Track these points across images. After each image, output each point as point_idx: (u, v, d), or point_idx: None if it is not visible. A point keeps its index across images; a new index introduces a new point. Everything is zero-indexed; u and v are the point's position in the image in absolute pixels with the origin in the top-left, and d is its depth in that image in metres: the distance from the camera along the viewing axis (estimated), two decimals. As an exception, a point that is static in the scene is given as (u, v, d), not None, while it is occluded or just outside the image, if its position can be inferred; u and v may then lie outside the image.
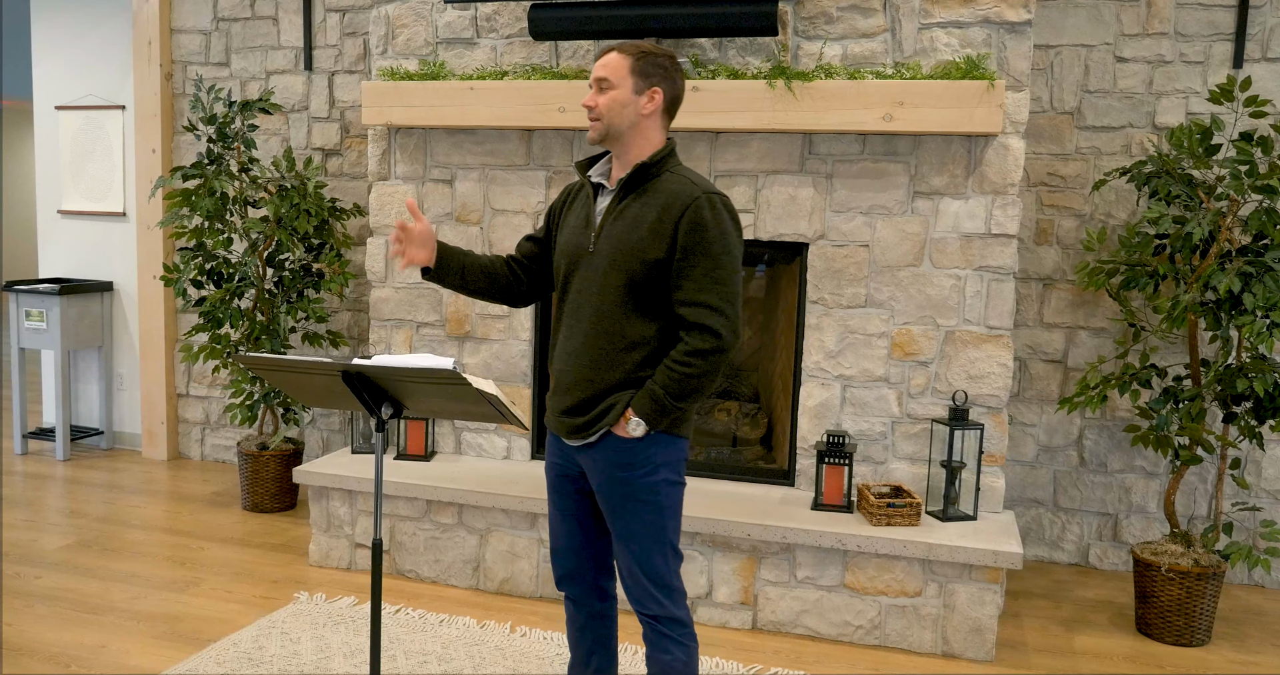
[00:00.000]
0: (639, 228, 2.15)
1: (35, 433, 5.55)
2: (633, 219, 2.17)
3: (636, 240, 2.15)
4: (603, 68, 2.19)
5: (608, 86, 2.18)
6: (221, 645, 3.16)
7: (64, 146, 5.45)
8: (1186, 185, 3.36)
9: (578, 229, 2.27)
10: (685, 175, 2.19)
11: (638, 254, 2.15)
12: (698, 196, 2.14)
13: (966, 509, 3.51)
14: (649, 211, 2.16)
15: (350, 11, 4.84)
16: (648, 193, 2.19)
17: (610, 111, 2.18)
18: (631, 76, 2.18)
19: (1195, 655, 3.34)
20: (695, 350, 2.12)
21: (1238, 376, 3.30)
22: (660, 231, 2.14)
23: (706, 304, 2.13)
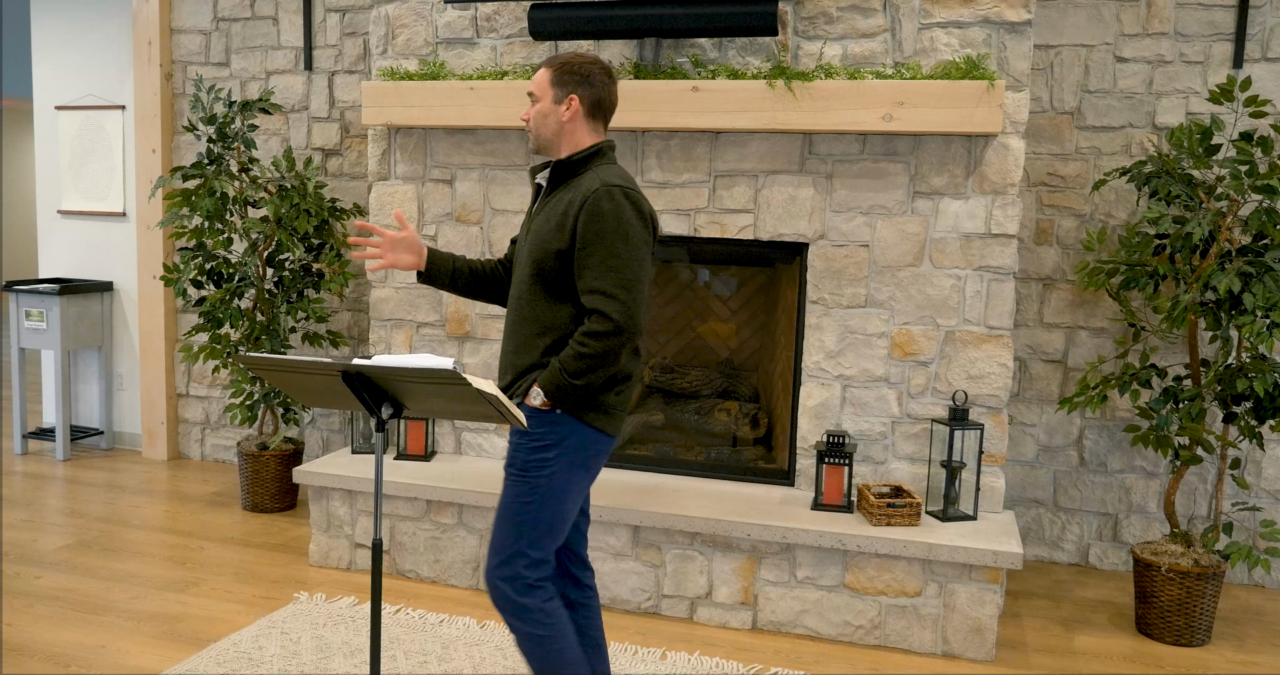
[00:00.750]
0: (550, 221, 2.31)
1: (35, 433, 5.55)
2: (548, 213, 2.33)
3: (547, 232, 2.30)
4: (532, 84, 2.40)
5: (535, 100, 2.39)
6: (221, 645, 3.16)
7: (64, 146, 5.45)
8: (1186, 185, 3.36)
9: (524, 227, 2.45)
10: (599, 171, 2.32)
11: (545, 245, 2.30)
12: (597, 188, 2.25)
13: (966, 509, 3.51)
14: (560, 205, 2.31)
15: (350, 11, 4.84)
16: (568, 189, 2.34)
17: (537, 122, 2.38)
18: (551, 88, 2.36)
19: (1195, 655, 3.34)
20: (590, 332, 2.23)
21: (1238, 376, 3.30)
22: (565, 224, 2.28)
23: (602, 290, 2.23)
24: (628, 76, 3.67)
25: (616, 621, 3.46)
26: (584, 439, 2.33)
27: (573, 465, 2.34)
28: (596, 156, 2.36)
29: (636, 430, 4.26)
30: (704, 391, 4.28)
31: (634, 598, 3.54)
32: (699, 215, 3.75)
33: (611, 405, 2.35)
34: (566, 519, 2.36)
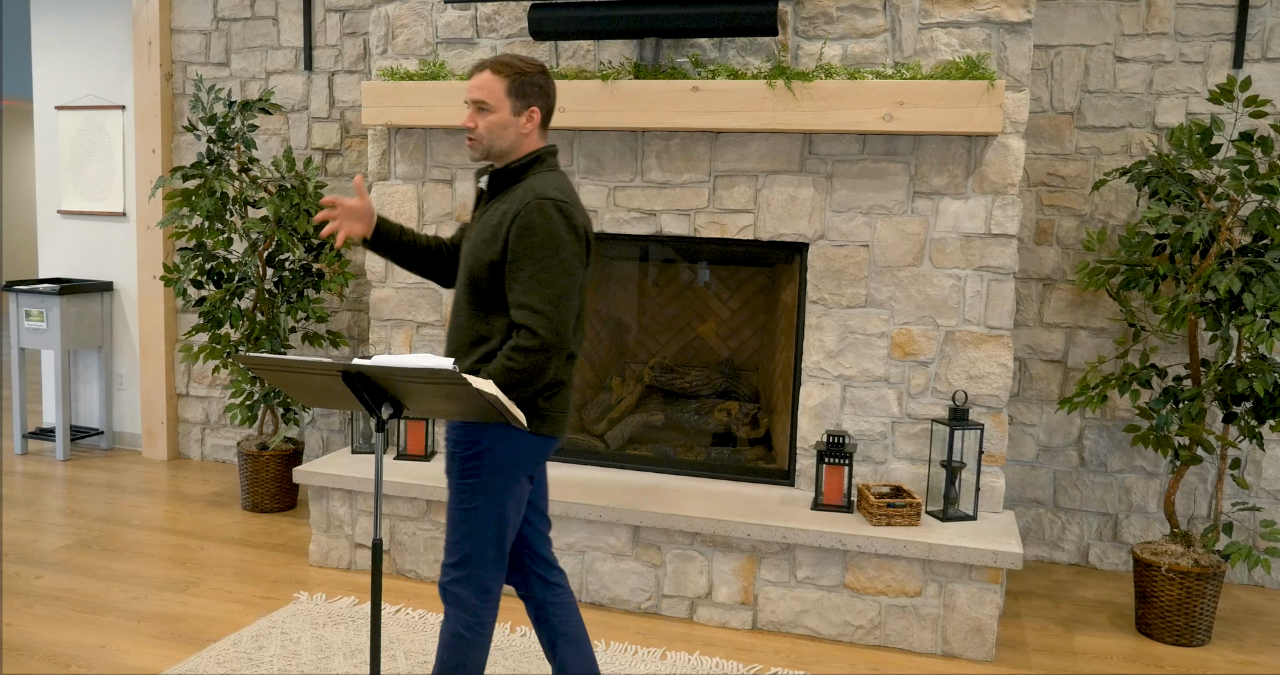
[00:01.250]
0: (485, 231, 2.28)
1: (35, 433, 5.55)
2: (484, 223, 2.30)
3: (482, 243, 2.27)
4: (479, 90, 2.27)
5: (487, 110, 2.28)
6: (221, 645, 3.16)
7: (64, 146, 5.45)
8: (1186, 185, 3.36)
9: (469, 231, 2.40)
10: (535, 181, 2.27)
11: (479, 256, 2.27)
12: (529, 201, 2.21)
13: (966, 509, 3.51)
14: (496, 216, 2.27)
15: (350, 11, 4.84)
16: (504, 197, 2.30)
17: (491, 134, 2.29)
18: (509, 98, 2.27)
19: (1195, 655, 3.34)
20: (517, 347, 2.22)
21: (1238, 376, 3.30)
22: (498, 235, 2.24)
23: (530, 306, 2.21)
24: (628, 76, 3.67)
25: (616, 621, 3.46)
26: (516, 443, 2.32)
27: (505, 469, 2.32)
28: (536, 164, 2.32)
29: (636, 430, 4.26)
30: (704, 391, 4.28)
31: (634, 598, 3.54)
32: (699, 215, 3.75)
33: (543, 409, 2.33)
34: (508, 521, 2.35)
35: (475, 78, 2.30)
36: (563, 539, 3.59)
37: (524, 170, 2.32)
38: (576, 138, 3.86)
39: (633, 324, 4.49)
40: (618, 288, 4.43)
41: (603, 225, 3.85)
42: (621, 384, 4.39)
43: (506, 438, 2.31)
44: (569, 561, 3.59)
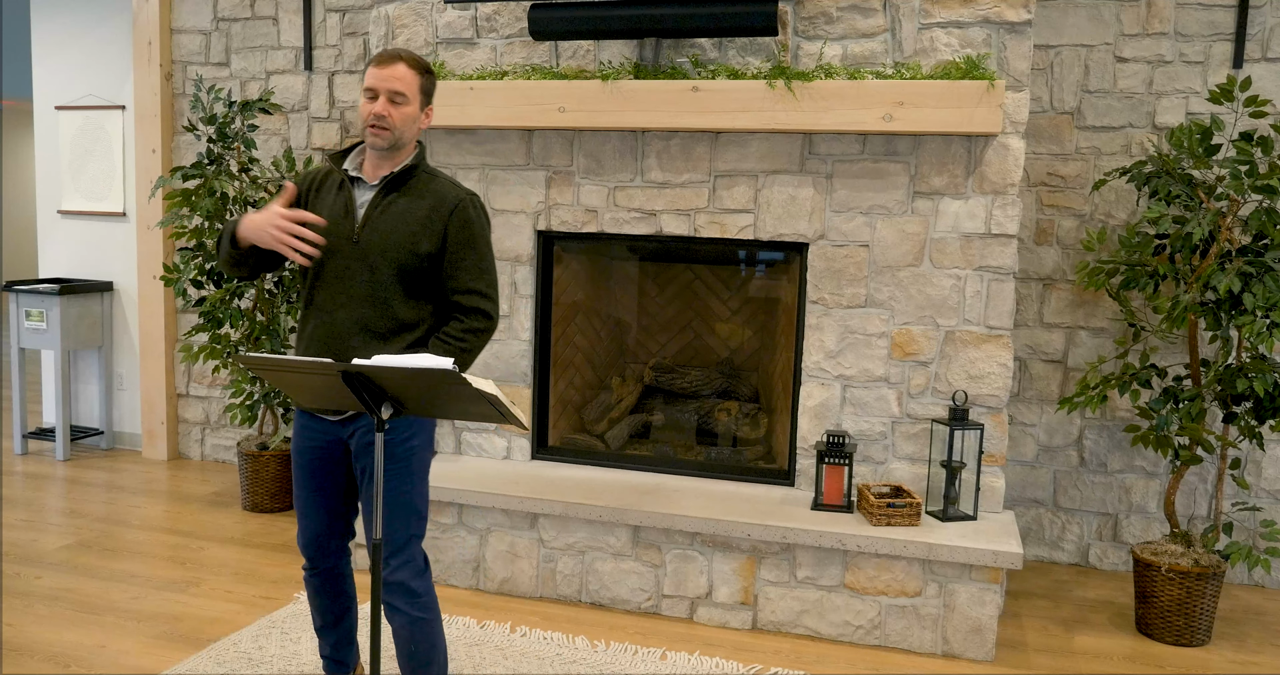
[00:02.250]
0: (408, 223, 2.38)
1: (35, 433, 5.55)
2: (400, 214, 2.38)
3: (408, 234, 2.37)
4: (398, 81, 2.34)
5: (402, 102, 2.35)
6: (221, 645, 3.16)
7: (64, 146, 5.45)
8: (1186, 185, 3.36)
9: (334, 219, 2.41)
10: (444, 178, 2.46)
11: (408, 246, 2.36)
12: (463, 198, 2.42)
13: (966, 509, 3.51)
14: (417, 209, 2.39)
15: (350, 11, 4.84)
16: (412, 192, 2.40)
17: (403, 125, 2.37)
18: (420, 94, 2.39)
19: (1195, 655, 3.34)
20: (471, 329, 2.40)
21: (1238, 376, 3.30)
22: (432, 228, 2.38)
23: (479, 291, 2.41)
24: (628, 76, 3.67)
25: (617, 621, 3.46)
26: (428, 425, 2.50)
27: (427, 447, 2.50)
28: (424, 160, 2.46)
29: (636, 430, 4.26)
30: (704, 391, 4.28)
31: (634, 598, 3.54)
32: (699, 215, 3.76)
33: None
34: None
35: (390, 68, 2.34)
36: (563, 539, 3.59)
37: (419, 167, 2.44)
38: (576, 138, 3.86)
39: (633, 324, 4.49)
40: (618, 288, 4.44)
41: (603, 225, 3.85)
42: (621, 384, 4.39)
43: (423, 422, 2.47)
44: (569, 561, 3.60)
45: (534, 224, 3.93)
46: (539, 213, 3.92)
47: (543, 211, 3.92)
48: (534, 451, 4.05)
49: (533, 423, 4.05)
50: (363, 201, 2.42)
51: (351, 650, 2.76)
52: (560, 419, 4.19)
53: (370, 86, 2.35)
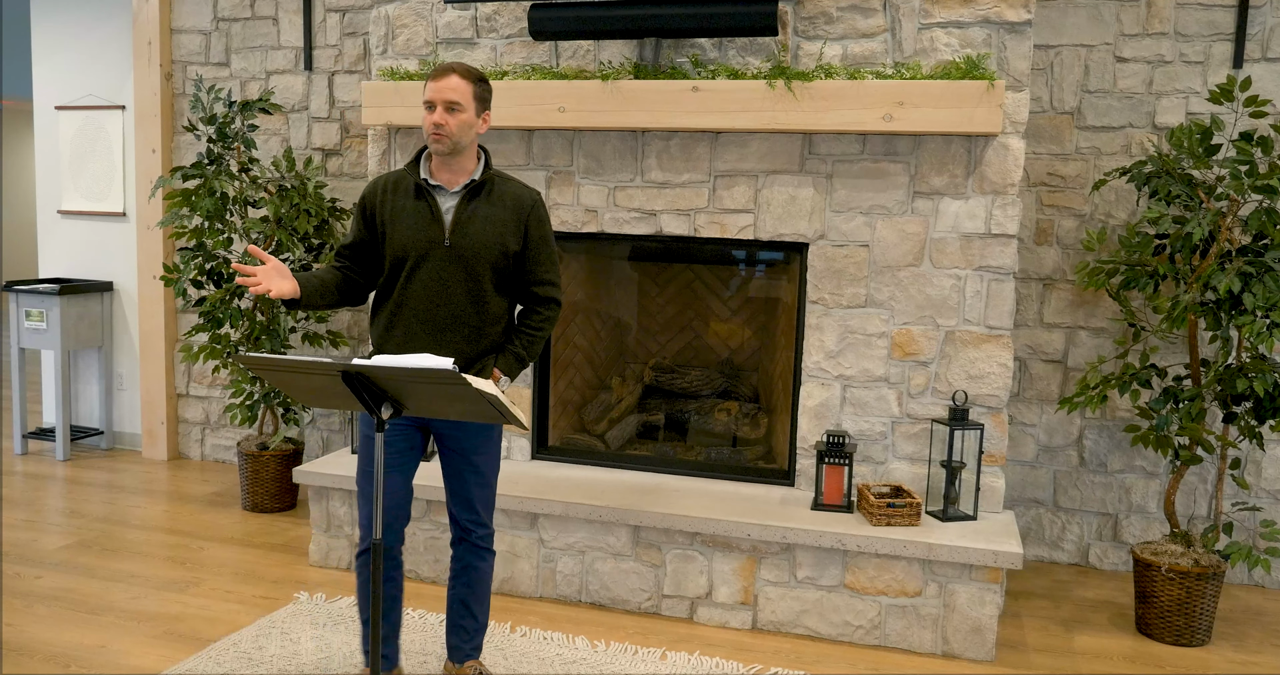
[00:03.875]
0: (497, 226, 2.60)
1: (35, 433, 5.55)
2: (488, 219, 2.60)
3: (498, 236, 2.60)
4: (453, 91, 2.52)
5: (459, 110, 2.53)
6: (221, 645, 3.16)
7: (64, 146, 5.45)
8: (1186, 185, 3.36)
9: (422, 224, 2.60)
10: (513, 179, 2.68)
11: (499, 248, 2.60)
12: (536, 198, 2.67)
13: (966, 509, 3.51)
14: (502, 213, 2.62)
15: (350, 11, 4.84)
16: (492, 197, 2.62)
17: (460, 131, 2.54)
18: (474, 102, 2.56)
19: (1195, 655, 3.34)
20: (547, 318, 2.71)
21: (1238, 376, 3.30)
22: (516, 229, 2.63)
23: (552, 281, 2.70)
24: (628, 76, 3.67)
25: (617, 621, 3.46)
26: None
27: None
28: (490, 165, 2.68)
29: (637, 430, 4.26)
30: (704, 391, 4.28)
31: (634, 598, 3.54)
32: (699, 215, 3.76)
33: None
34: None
35: (444, 79, 2.53)
36: (563, 539, 3.59)
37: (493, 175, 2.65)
38: (576, 138, 3.86)
39: (633, 324, 4.49)
40: (618, 288, 4.44)
41: (603, 225, 3.85)
42: (621, 384, 4.39)
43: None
44: (569, 561, 3.60)
45: (534, 224, 3.93)
46: (539, 213, 3.92)
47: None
48: (534, 451, 4.05)
49: (533, 423, 4.05)
50: (448, 207, 2.61)
51: (394, 645, 2.81)
52: (560, 419, 4.20)
53: (428, 99, 2.53)
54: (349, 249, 2.72)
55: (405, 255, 2.60)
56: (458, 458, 2.70)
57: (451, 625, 2.83)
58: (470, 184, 2.60)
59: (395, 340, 2.64)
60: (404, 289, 2.61)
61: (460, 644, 2.82)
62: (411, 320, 2.61)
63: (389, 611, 2.76)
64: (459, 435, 2.68)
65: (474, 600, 2.79)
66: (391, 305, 2.64)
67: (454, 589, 2.80)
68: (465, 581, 2.77)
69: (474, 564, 2.76)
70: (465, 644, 2.82)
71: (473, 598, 2.78)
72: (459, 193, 2.61)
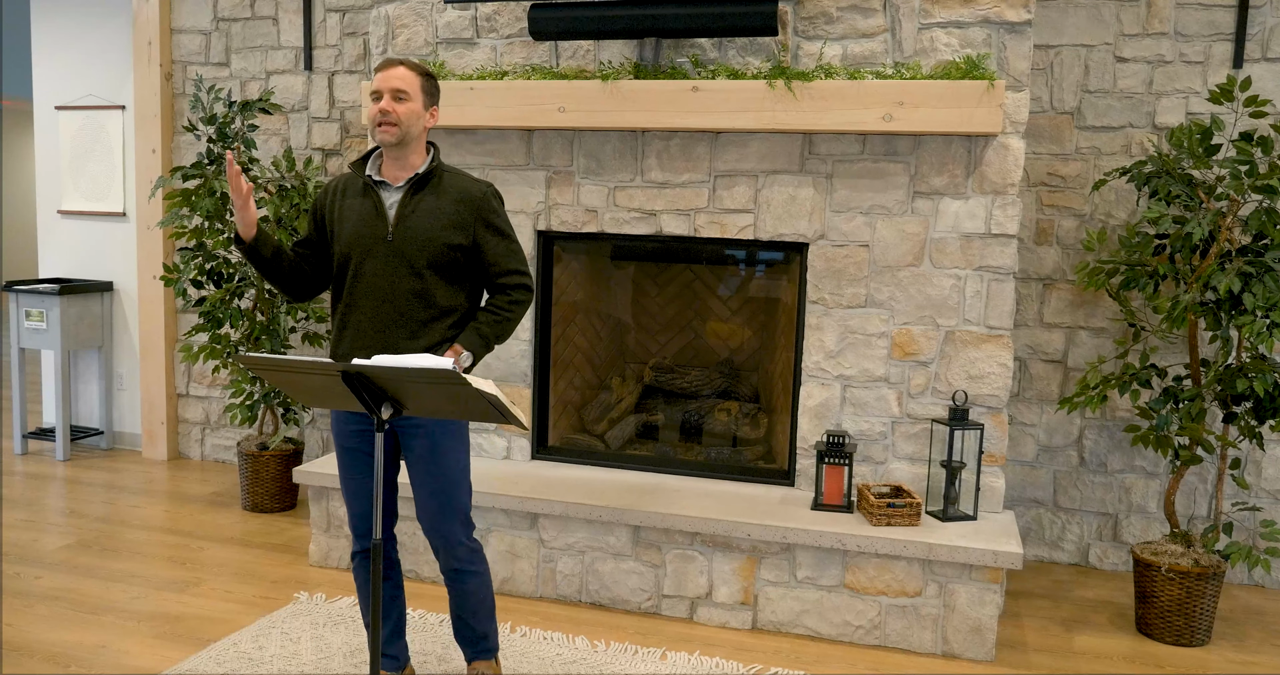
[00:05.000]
0: (439, 219, 2.56)
1: (35, 433, 5.55)
2: (429, 212, 2.56)
3: (440, 229, 2.55)
4: (400, 80, 2.52)
5: (406, 99, 2.52)
6: (221, 645, 3.16)
7: (64, 146, 5.45)
8: (1186, 185, 3.36)
9: (366, 220, 2.58)
10: (462, 174, 2.64)
11: (442, 240, 2.55)
12: (485, 191, 2.62)
13: (966, 509, 3.51)
14: (445, 205, 2.57)
15: (350, 11, 4.84)
16: (437, 190, 2.58)
17: (408, 120, 2.52)
18: (421, 94, 2.56)
19: (1195, 655, 3.34)
20: (515, 300, 2.64)
21: (1238, 376, 3.30)
22: (461, 222, 2.57)
23: (518, 270, 2.64)
24: (628, 76, 3.67)
25: (617, 621, 3.46)
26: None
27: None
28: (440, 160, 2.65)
29: (636, 430, 4.26)
30: (704, 391, 4.28)
31: (634, 598, 3.54)
32: (699, 215, 3.76)
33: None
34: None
35: (390, 70, 2.53)
36: (563, 539, 3.59)
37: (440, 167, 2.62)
38: (576, 138, 3.86)
39: (633, 324, 4.49)
40: (618, 288, 4.44)
41: (603, 225, 3.85)
42: (621, 384, 4.39)
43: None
44: (569, 561, 3.60)
45: (534, 224, 3.93)
46: (539, 213, 3.92)
47: (542, 211, 3.92)
48: (534, 451, 4.05)
49: (533, 423, 4.05)
50: (391, 203, 2.58)
51: (401, 644, 2.81)
52: (560, 419, 4.20)
53: (375, 89, 2.52)
54: (301, 245, 2.72)
55: (350, 253, 2.59)
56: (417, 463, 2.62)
57: (457, 637, 2.81)
58: (415, 178, 2.57)
59: (346, 340, 2.61)
60: (351, 288, 2.60)
61: (466, 646, 2.81)
62: (360, 318, 2.58)
63: (389, 612, 2.76)
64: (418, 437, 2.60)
65: (468, 614, 2.74)
66: (342, 306, 2.62)
67: (450, 600, 2.76)
68: (455, 596, 2.73)
69: (457, 584, 2.70)
70: (470, 648, 2.80)
71: (466, 612, 2.74)
72: (403, 187, 2.58)
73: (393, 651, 2.80)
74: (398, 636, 2.80)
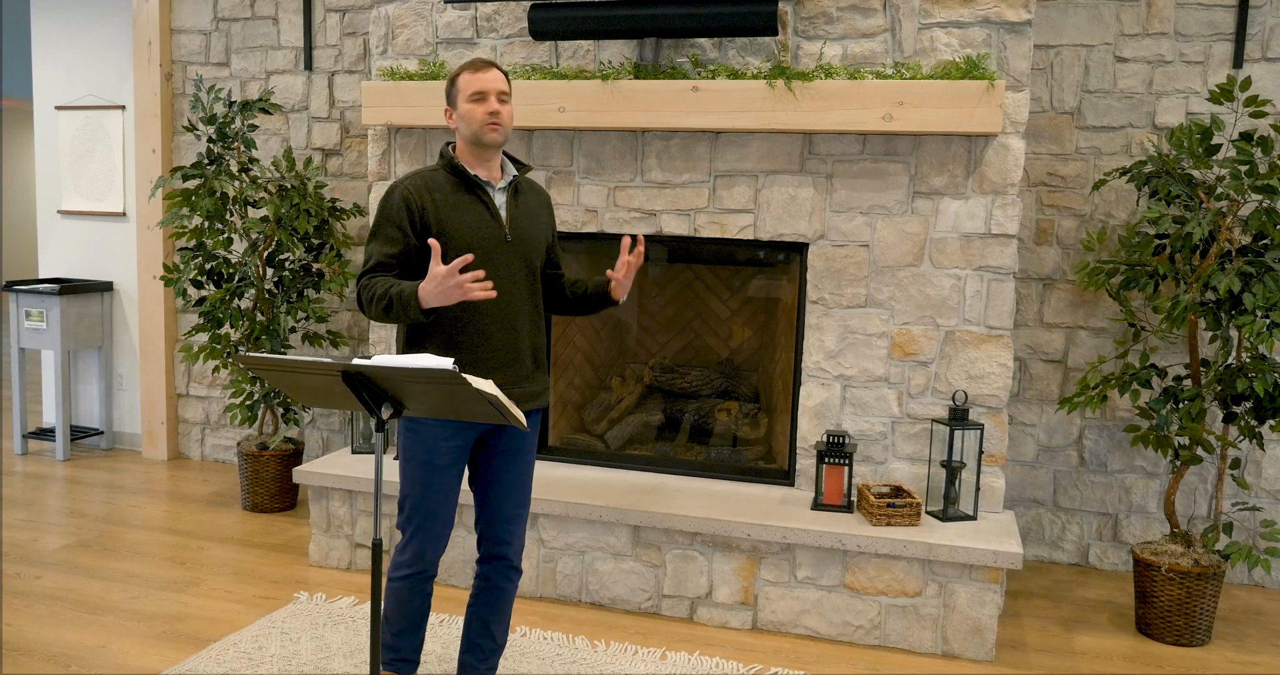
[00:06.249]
0: (540, 217, 2.67)
1: (35, 433, 5.55)
2: (533, 212, 2.65)
3: (543, 227, 2.67)
4: (501, 82, 2.55)
5: (507, 100, 2.55)
6: (221, 645, 3.16)
7: (64, 146, 5.45)
8: (1186, 185, 3.36)
9: (482, 221, 2.54)
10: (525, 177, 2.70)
11: (545, 238, 2.68)
12: (544, 189, 2.75)
13: (966, 509, 3.51)
14: (539, 204, 2.69)
15: (350, 11, 4.84)
16: (527, 190, 2.68)
17: (509, 121, 2.56)
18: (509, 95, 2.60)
19: (1195, 655, 3.34)
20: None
21: (1238, 376, 3.30)
22: (549, 222, 2.72)
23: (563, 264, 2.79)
24: (628, 76, 3.67)
25: (617, 621, 3.46)
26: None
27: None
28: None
29: (636, 430, 4.26)
30: (704, 391, 4.28)
31: (634, 598, 3.54)
32: (699, 215, 3.76)
33: None
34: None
35: (490, 71, 2.53)
36: (563, 539, 3.59)
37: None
38: (576, 138, 3.86)
39: (633, 324, 4.49)
40: (618, 288, 4.43)
41: (603, 225, 3.85)
42: (621, 384, 4.39)
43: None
44: (569, 561, 3.60)
45: (534, 224, 3.93)
46: (539, 213, 3.92)
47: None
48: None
49: (533, 423, 4.04)
50: (500, 203, 2.59)
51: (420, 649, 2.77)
52: (560, 419, 4.19)
53: (479, 90, 2.50)
54: (392, 258, 2.49)
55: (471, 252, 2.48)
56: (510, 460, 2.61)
57: (467, 643, 2.71)
58: (514, 178, 2.61)
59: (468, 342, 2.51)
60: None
61: (475, 664, 2.70)
62: (481, 318, 2.52)
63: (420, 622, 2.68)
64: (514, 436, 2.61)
65: (495, 621, 2.68)
66: (455, 309, 2.49)
67: (474, 607, 2.68)
68: (487, 601, 2.66)
69: (500, 585, 2.66)
70: (480, 664, 2.70)
71: (494, 618, 2.68)
72: (504, 188, 2.59)
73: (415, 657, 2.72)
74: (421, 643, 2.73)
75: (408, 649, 2.70)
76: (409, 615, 2.62)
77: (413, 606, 2.62)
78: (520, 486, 2.65)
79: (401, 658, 2.71)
